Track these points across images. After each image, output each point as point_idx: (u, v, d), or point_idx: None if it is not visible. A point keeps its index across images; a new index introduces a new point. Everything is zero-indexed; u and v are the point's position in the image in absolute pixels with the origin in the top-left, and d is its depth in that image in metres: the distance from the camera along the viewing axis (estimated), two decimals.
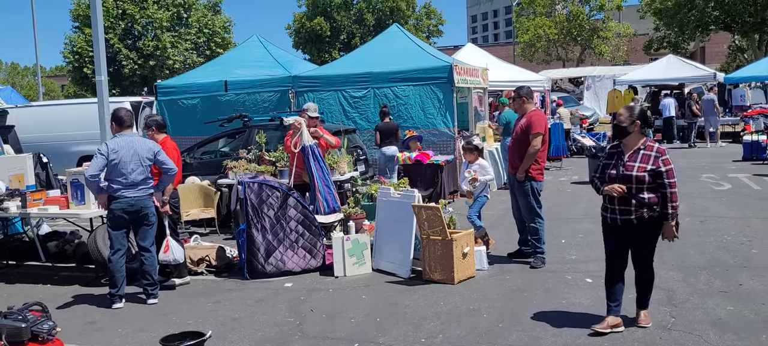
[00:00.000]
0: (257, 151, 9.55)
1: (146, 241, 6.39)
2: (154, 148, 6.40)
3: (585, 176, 13.45)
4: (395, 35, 13.87)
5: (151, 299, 6.34)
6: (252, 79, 12.91)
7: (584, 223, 9.24)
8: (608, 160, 5.00)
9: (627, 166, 4.86)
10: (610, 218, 5.03)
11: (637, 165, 4.83)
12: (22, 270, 8.00)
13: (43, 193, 7.43)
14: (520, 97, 7.29)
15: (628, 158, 4.88)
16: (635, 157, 4.86)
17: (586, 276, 6.61)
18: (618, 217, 4.96)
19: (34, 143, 12.59)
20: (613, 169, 4.92)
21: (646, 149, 4.87)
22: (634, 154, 4.88)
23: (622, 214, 4.93)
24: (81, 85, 39.04)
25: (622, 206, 4.90)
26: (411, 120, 12.03)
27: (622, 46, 39.89)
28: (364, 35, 45.51)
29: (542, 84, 20.83)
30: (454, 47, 40.67)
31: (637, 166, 4.83)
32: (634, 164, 4.84)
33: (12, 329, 4.09)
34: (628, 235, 4.98)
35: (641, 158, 4.84)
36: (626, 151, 4.92)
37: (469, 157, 7.66)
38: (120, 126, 6.36)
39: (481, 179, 7.53)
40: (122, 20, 36.62)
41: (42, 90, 35.70)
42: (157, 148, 6.44)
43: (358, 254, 7.05)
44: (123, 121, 6.36)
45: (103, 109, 10.77)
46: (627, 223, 4.92)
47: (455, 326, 5.37)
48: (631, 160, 4.87)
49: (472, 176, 7.47)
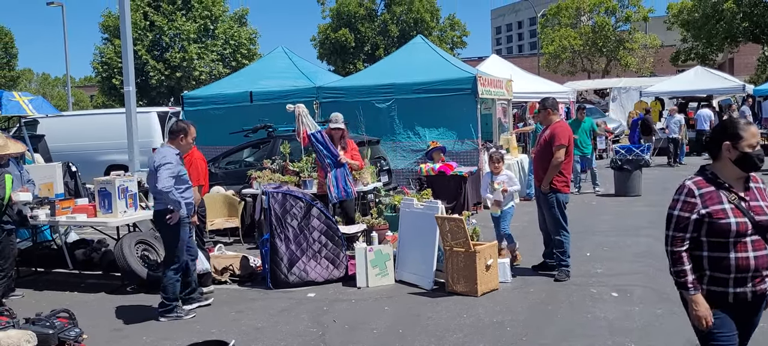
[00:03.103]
0: (281, 162, 9.61)
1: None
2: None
3: (611, 189, 13.30)
4: (419, 46, 13.88)
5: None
6: (277, 90, 13.00)
7: (610, 236, 9.13)
8: (715, 207, 3.14)
9: (755, 209, 3.16)
10: (739, 293, 3.16)
11: (763, 204, 3.20)
12: (50, 277, 8.12)
13: (72, 201, 7.57)
14: (544, 109, 7.25)
15: (748, 196, 3.20)
16: (755, 195, 3.22)
17: (611, 290, 6.51)
18: (754, 289, 3.17)
19: (63, 152, 12.84)
20: (734, 218, 3.11)
21: (751, 180, 3.28)
22: (749, 191, 3.22)
23: (759, 283, 3.17)
24: (109, 95, 39.67)
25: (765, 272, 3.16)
26: (435, 131, 12.01)
27: (649, 57, 39.46)
28: (388, 46, 45.61)
29: (567, 96, 20.69)
30: (478, 59, 40.58)
31: (765, 205, 3.20)
32: (760, 204, 3.19)
33: (40, 336, 4.17)
34: (754, 314, 3.30)
35: (759, 194, 3.24)
36: (735, 186, 3.20)
37: (497, 168, 7.63)
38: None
39: (510, 189, 7.51)
40: (150, 32, 37.19)
41: (71, 100, 36.44)
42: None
43: (380, 265, 7.04)
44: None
45: (130, 119, 10.96)
46: (761, 297, 3.22)
47: (478, 339, 5.32)
48: (753, 199, 3.20)
49: (502, 187, 7.45)
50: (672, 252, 3.21)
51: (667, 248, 3.24)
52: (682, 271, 3.19)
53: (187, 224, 6.25)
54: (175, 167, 6.11)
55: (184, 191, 6.20)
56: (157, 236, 8.04)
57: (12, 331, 4.08)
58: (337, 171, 7.91)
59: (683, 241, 3.19)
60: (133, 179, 7.52)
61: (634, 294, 6.34)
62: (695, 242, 3.20)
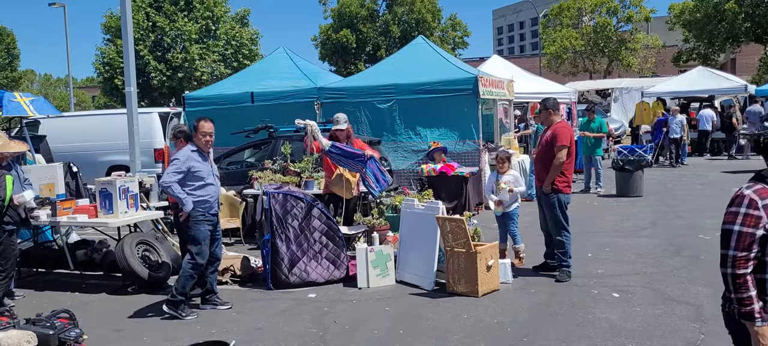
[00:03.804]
0: (282, 162, 9.61)
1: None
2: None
3: (612, 189, 13.30)
4: (421, 47, 13.89)
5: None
6: (278, 91, 13.02)
7: (611, 237, 9.12)
8: None
9: None
10: None
11: None
12: (51, 278, 8.13)
13: (73, 202, 7.57)
14: (545, 109, 7.25)
15: None
16: None
17: (612, 291, 6.50)
18: None
19: (64, 153, 12.85)
20: None
21: None
22: None
23: None
24: (111, 95, 39.76)
25: None
26: (436, 132, 12.01)
27: (651, 57, 39.44)
28: (389, 47, 45.66)
29: (569, 96, 20.66)
30: (479, 59, 40.61)
31: None
32: None
33: (41, 336, 4.17)
34: None
35: None
36: None
37: (503, 168, 7.64)
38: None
39: (516, 189, 7.53)
40: (152, 32, 37.27)
41: (74, 101, 36.48)
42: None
43: (381, 265, 7.04)
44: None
45: (131, 119, 10.95)
46: None
47: (479, 339, 5.32)
48: None
49: (509, 187, 7.47)
50: (734, 276, 2.69)
51: (727, 271, 2.71)
52: (747, 298, 2.67)
53: (202, 221, 6.19)
54: (183, 164, 6.09)
55: (196, 189, 6.15)
56: (158, 236, 8.06)
57: (12, 331, 4.09)
58: (371, 166, 7.72)
59: (747, 261, 2.67)
60: (134, 179, 7.53)
61: (635, 295, 6.33)
62: (758, 263, 2.71)
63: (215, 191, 6.36)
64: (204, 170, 6.24)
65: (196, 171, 6.17)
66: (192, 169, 6.14)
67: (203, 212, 6.20)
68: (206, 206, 6.23)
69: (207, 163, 6.32)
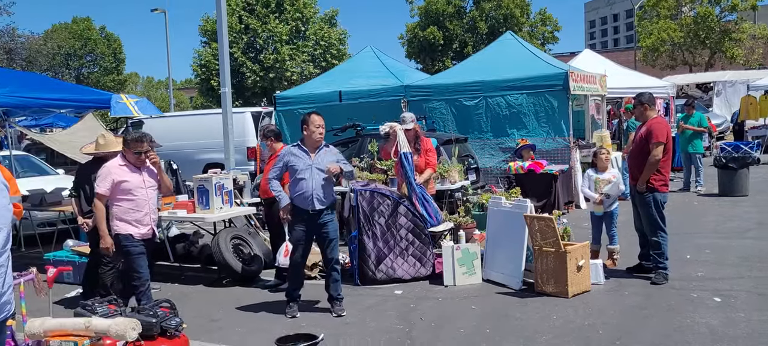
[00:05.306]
0: (369, 160, 9.72)
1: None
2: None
3: (714, 189, 12.58)
4: (509, 43, 13.67)
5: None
6: (365, 89, 13.17)
7: (711, 238, 8.64)
8: None
9: None
10: None
11: None
12: (153, 269, 8.57)
13: (173, 198, 7.96)
14: (641, 105, 6.95)
15: None
16: None
17: (713, 295, 6.17)
18: None
19: (165, 151, 13.52)
20: None
21: None
22: None
23: None
24: (207, 96, 41.47)
25: None
26: (524, 129, 11.79)
27: (758, 48, 36.94)
28: (476, 44, 45.10)
29: (666, 90, 19.74)
30: (570, 54, 39.33)
31: None
32: None
33: (145, 324, 4.42)
34: None
35: None
36: None
37: (604, 165, 7.44)
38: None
39: (620, 188, 7.35)
40: (245, 34, 38.58)
41: (173, 102, 38.37)
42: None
43: (468, 263, 7.00)
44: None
45: (227, 119, 11.40)
46: None
47: (569, 341, 5.18)
48: None
49: (612, 179, 7.31)
50: None
51: None
52: None
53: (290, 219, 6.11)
54: (281, 161, 6.19)
55: (292, 184, 6.11)
56: (251, 231, 8.35)
57: (120, 319, 4.35)
58: (419, 195, 7.40)
59: None
60: (228, 176, 7.82)
61: (738, 300, 5.98)
62: None
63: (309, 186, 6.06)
64: (298, 165, 6.07)
65: (292, 164, 6.07)
66: (289, 162, 6.09)
67: (300, 206, 6.06)
68: (302, 200, 6.05)
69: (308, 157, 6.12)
